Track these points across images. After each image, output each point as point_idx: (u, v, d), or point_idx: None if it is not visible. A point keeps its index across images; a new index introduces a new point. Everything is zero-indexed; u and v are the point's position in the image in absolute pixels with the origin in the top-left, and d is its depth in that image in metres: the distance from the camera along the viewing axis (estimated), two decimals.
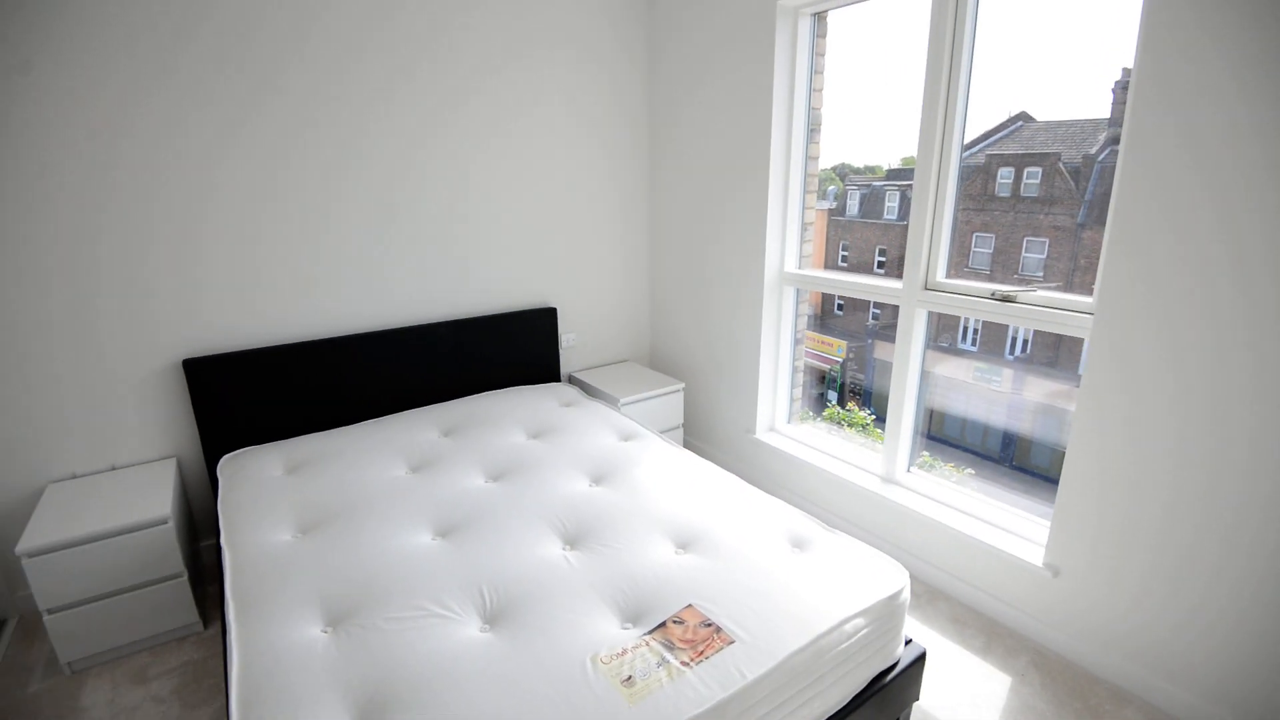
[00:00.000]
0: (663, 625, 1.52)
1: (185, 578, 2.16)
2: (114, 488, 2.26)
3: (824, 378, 3.66)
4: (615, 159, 3.29)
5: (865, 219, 3.28)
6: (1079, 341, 2.06)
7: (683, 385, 3.26)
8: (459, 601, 1.59)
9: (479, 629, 1.52)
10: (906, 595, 1.69)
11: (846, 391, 3.64)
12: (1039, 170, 2.33)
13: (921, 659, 1.75)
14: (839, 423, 3.26)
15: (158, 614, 2.13)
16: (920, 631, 2.23)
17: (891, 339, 2.55)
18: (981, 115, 2.25)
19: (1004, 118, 2.38)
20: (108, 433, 2.36)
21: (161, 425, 2.45)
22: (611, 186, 3.32)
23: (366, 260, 2.72)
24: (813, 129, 2.82)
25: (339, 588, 1.64)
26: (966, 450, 2.83)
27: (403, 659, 1.40)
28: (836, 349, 3.65)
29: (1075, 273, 2.25)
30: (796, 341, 3.12)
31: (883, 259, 3.20)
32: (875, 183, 3.22)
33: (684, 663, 1.40)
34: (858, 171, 3.25)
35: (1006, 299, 2.15)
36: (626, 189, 3.38)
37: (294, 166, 2.49)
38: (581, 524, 1.93)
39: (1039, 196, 2.36)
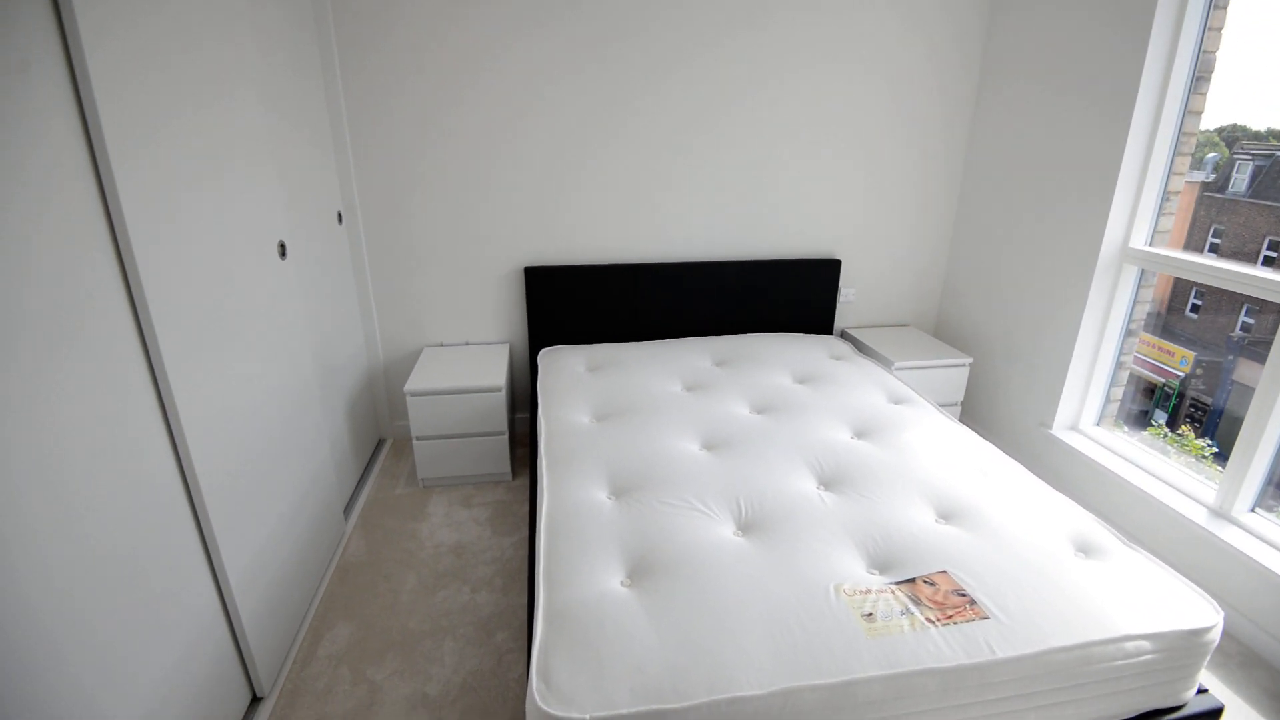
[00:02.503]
0: (912, 581, 1.52)
1: (505, 436, 2.70)
2: (466, 358, 2.89)
3: (1153, 391, 3.05)
4: (924, 112, 3.06)
5: (1255, 199, 2.60)
6: None
7: (969, 360, 3.01)
8: (718, 504, 1.77)
9: (733, 532, 1.68)
10: (1215, 637, 1.43)
11: (1182, 414, 2.99)
12: None
13: (1216, 715, 1.48)
14: (1165, 445, 2.72)
15: (482, 459, 2.72)
16: (1224, 694, 1.85)
17: (1262, 359, 2.04)
18: None
19: None
20: (467, 316, 3.01)
21: (503, 317, 3.04)
22: (917, 139, 3.10)
23: (674, 198, 2.98)
24: (1199, 77, 2.29)
25: (622, 467, 1.93)
26: None
27: (669, 535, 1.61)
28: (1179, 360, 3.00)
29: None
30: (1128, 334, 2.66)
31: (1274, 254, 2.52)
32: None
33: (929, 619, 1.39)
34: (1256, 137, 2.56)
35: None
36: (934, 142, 3.13)
37: (635, 112, 2.80)
38: (839, 469, 1.96)
39: None
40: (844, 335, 3.36)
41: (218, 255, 1.62)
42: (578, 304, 2.99)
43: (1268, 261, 2.50)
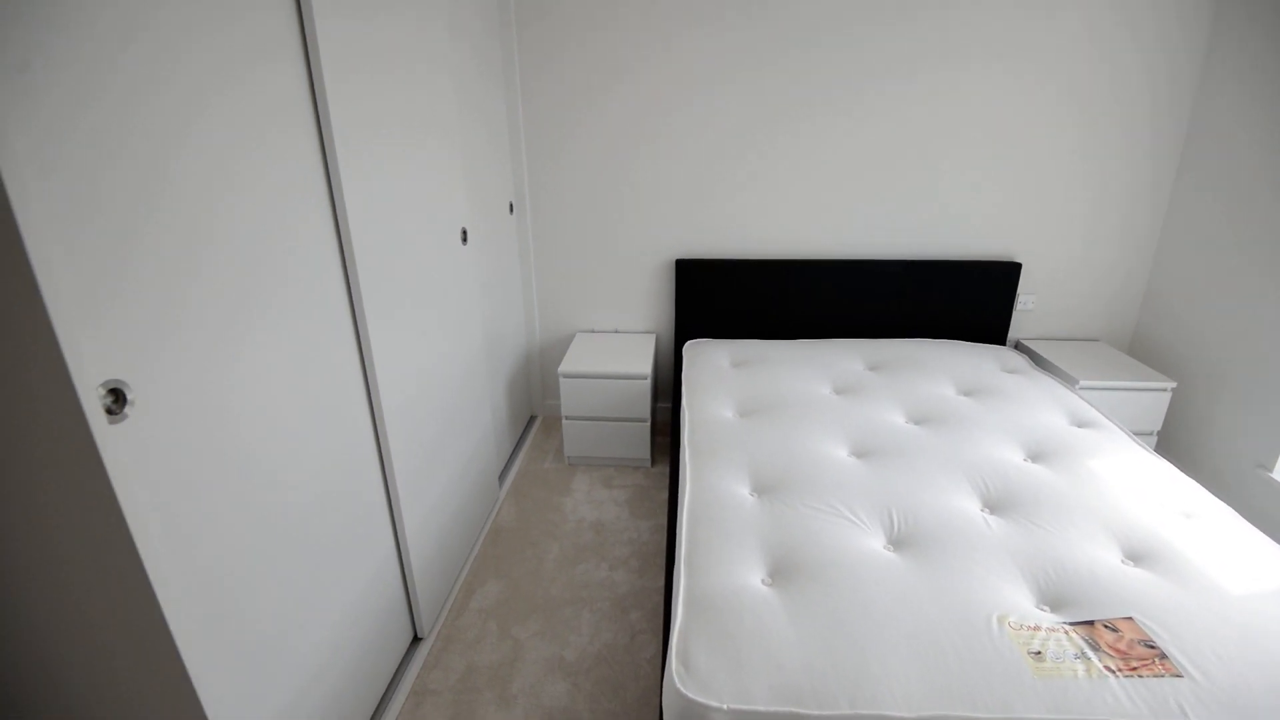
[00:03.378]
0: (1090, 624, 1.36)
1: (647, 424, 2.77)
2: (614, 345, 2.99)
3: None
4: (1127, 93, 2.68)
5: None
6: None
7: (1172, 385, 2.62)
8: (868, 514, 1.69)
9: (883, 545, 1.60)
10: None
11: None
12: None
13: None
14: None
15: (625, 443, 2.81)
16: None
17: None
18: None
19: None
20: (618, 305, 3.11)
21: (652, 308, 3.11)
22: (1117, 125, 2.73)
23: (832, 191, 2.87)
24: None
25: (766, 466, 1.91)
26: None
27: (814, 538, 1.57)
28: None
29: None
30: None
31: None
32: None
33: (1109, 668, 1.24)
34: None
35: None
36: (1140, 129, 2.74)
37: (794, 102, 2.74)
38: (1008, 492, 1.80)
39: None
40: (1019, 347, 3.06)
41: (411, 236, 1.80)
42: (726, 298, 2.98)
43: None
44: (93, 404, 0.86)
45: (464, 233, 2.19)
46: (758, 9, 2.62)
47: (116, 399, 0.91)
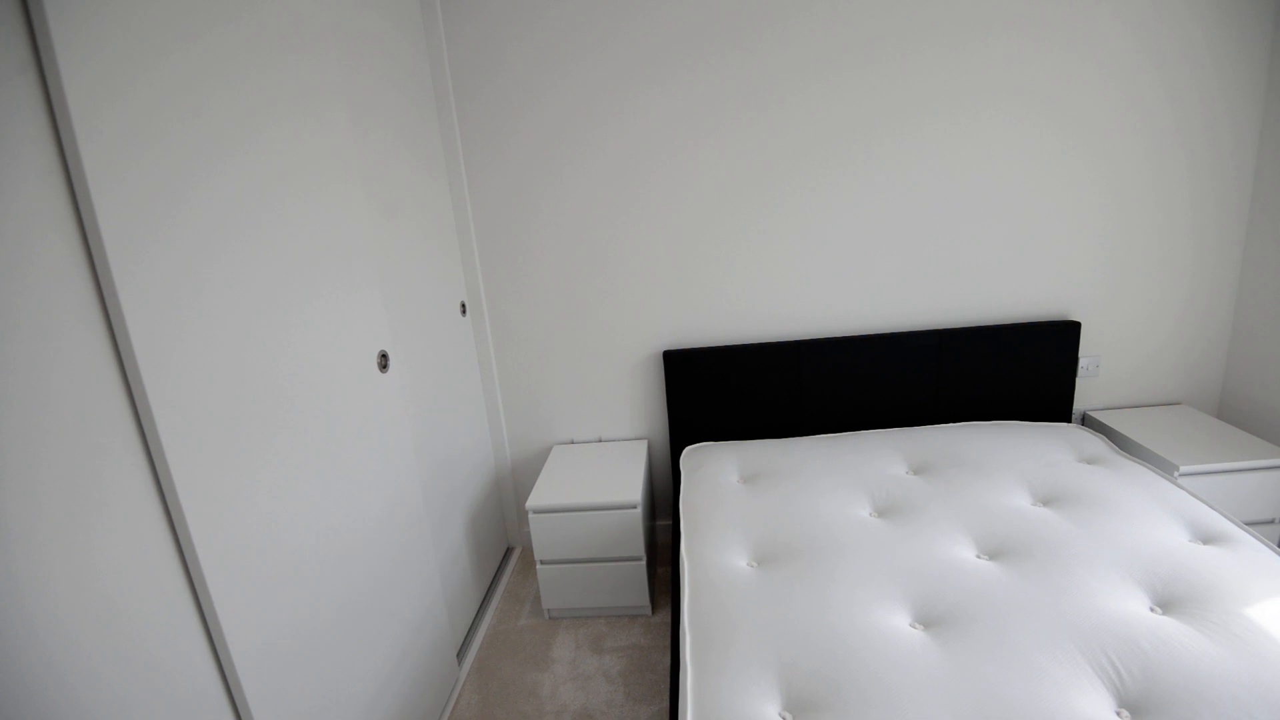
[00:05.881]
0: None
1: (643, 562, 2.22)
2: (598, 459, 2.47)
3: None
4: (1187, 125, 2.24)
5: None
6: None
7: None
8: None
9: None
10: None
11: None
12: None
13: None
14: None
15: (617, 589, 2.25)
16: None
17: None
18: None
19: None
20: (602, 409, 2.61)
21: (641, 410, 2.61)
22: (1180, 157, 2.28)
23: (848, 255, 2.41)
24: None
25: (803, 662, 1.35)
26: None
27: None
28: None
29: None
30: None
31: None
32: None
33: None
34: None
35: None
36: (1206, 160, 2.28)
37: (786, 160, 2.31)
38: (1147, 673, 1.24)
39: None
40: (1086, 421, 2.53)
41: (290, 377, 1.32)
42: (727, 392, 2.48)
43: None
44: None
45: (383, 357, 1.72)
46: (740, 53, 2.22)
47: None
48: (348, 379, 1.55)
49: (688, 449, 2.45)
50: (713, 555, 1.77)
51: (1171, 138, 2.26)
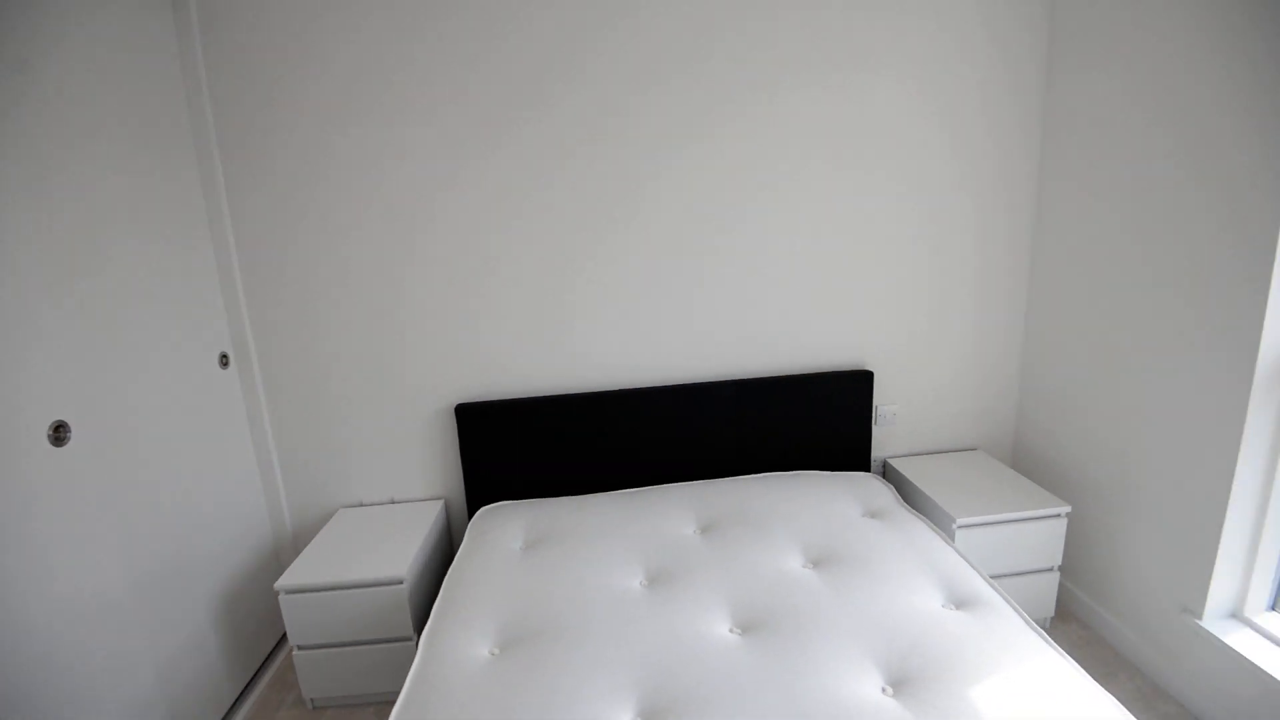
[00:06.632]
0: None
1: (414, 642, 2.01)
2: (384, 524, 2.26)
3: None
4: (969, 178, 2.33)
5: None
6: None
7: (1065, 509, 2.12)
8: None
9: None
10: None
11: None
12: None
13: None
14: None
15: (385, 672, 2.02)
16: None
17: None
18: None
19: None
20: (393, 469, 2.40)
21: (437, 467, 2.41)
22: (971, 213, 2.36)
23: (641, 305, 2.33)
24: None
25: None
26: None
27: None
28: None
29: None
30: None
31: None
32: None
33: None
34: None
35: None
36: (995, 215, 2.37)
37: (570, 210, 2.22)
38: None
39: None
40: (886, 468, 2.54)
41: None
42: (528, 447, 2.33)
43: None
44: None
45: (56, 429, 1.47)
46: (535, 104, 2.12)
47: None
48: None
49: (483, 510, 2.27)
50: (454, 641, 1.60)
51: (956, 194, 2.33)
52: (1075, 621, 2.26)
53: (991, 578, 2.09)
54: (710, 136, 2.20)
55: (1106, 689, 1.91)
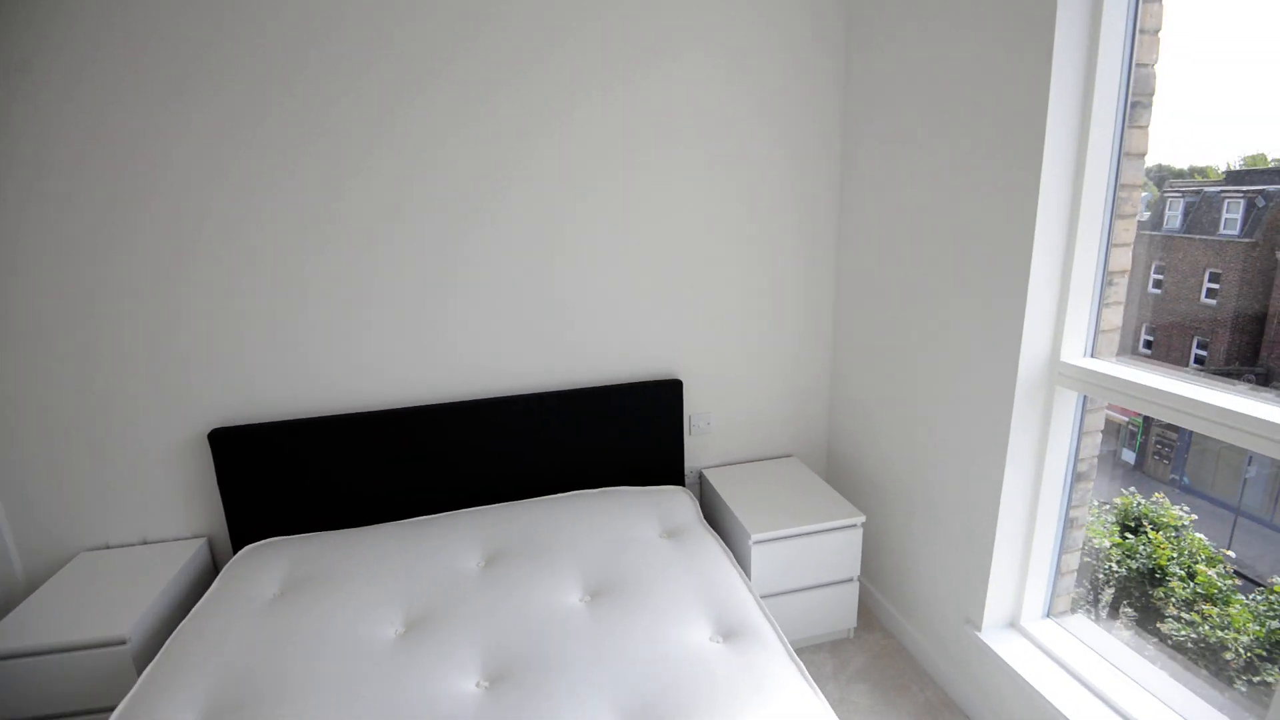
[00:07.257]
0: None
1: None
2: (125, 570, 1.96)
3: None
4: (777, 185, 2.28)
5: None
6: None
7: (860, 520, 2.11)
8: None
9: None
10: None
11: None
12: None
13: None
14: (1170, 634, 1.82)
15: None
16: None
17: None
18: None
19: None
20: (144, 504, 2.09)
21: (192, 502, 2.12)
22: (784, 216, 2.31)
23: (430, 312, 2.13)
24: (1135, 103, 1.52)
25: None
26: None
27: None
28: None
29: None
30: (1077, 479, 1.80)
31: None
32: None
33: None
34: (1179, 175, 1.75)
35: None
36: (806, 219, 2.34)
37: (338, 208, 1.98)
38: None
39: None
40: (701, 479, 2.47)
41: None
42: (301, 477, 2.08)
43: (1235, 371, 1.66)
44: None
45: None
46: (284, 119, 1.86)
47: None
48: None
49: (247, 549, 2.01)
50: (149, 715, 1.36)
51: (766, 198, 2.27)
52: (880, 631, 2.27)
53: (792, 591, 2.08)
54: (510, 147, 2.03)
55: (897, 702, 1.95)
